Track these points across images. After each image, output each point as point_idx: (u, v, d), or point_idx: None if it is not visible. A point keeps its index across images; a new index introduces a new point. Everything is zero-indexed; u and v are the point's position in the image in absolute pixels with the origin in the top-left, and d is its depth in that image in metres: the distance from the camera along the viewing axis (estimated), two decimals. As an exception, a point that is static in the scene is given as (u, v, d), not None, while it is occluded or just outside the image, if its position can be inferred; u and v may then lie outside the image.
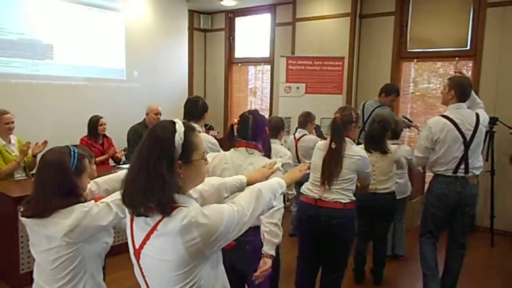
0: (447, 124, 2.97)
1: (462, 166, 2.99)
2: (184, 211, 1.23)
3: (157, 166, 1.23)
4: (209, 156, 2.30)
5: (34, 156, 3.83)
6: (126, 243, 1.38)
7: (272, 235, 2.08)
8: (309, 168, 1.93)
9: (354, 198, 2.78)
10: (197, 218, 1.22)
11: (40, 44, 5.04)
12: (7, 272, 3.38)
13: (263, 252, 2.07)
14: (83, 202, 1.71)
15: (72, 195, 1.70)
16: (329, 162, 2.70)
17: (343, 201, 2.71)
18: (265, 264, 2.04)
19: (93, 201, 1.72)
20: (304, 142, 4.26)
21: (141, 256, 1.31)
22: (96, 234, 1.71)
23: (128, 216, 1.35)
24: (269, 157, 2.27)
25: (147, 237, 1.26)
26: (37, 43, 5.01)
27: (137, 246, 1.31)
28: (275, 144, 3.15)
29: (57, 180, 1.67)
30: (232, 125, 2.29)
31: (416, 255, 4.21)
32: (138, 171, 1.26)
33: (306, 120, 4.37)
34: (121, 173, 1.95)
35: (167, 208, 1.22)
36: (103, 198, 1.76)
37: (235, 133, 2.26)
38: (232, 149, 2.27)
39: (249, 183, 1.75)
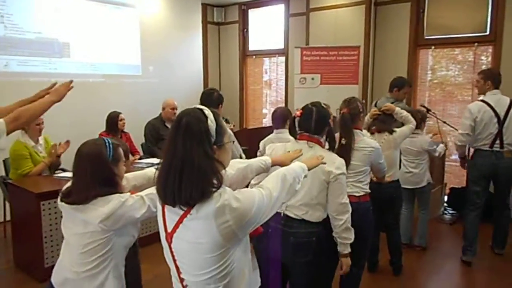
0: (484, 106, 3.64)
1: (498, 142, 3.62)
2: (217, 194, 1.25)
3: (198, 153, 1.25)
4: (269, 148, 2.37)
5: (58, 156, 3.91)
6: (145, 237, 1.40)
7: (342, 239, 2.25)
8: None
9: (368, 191, 2.75)
10: (230, 202, 1.25)
11: (57, 42, 5.11)
12: (32, 266, 3.47)
13: (339, 251, 2.25)
14: (120, 192, 1.79)
15: (111, 183, 1.78)
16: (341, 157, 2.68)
17: (357, 194, 2.69)
18: (344, 264, 2.28)
19: (129, 193, 1.80)
20: None
21: (173, 240, 1.32)
22: (127, 225, 1.79)
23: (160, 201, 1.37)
24: (333, 150, 2.24)
25: (180, 221, 1.28)
26: (54, 41, 5.09)
27: (169, 230, 1.33)
28: (283, 134, 3.22)
29: (96, 170, 1.75)
30: (294, 117, 2.28)
31: (436, 246, 4.19)
32: (175, 161, 1.26)
33: None
34: (149, 170, 2.05)
35: (207, 192, 1.24)
36: (136, 193, 1.83)
37: (297, 126, 2.25)
38: (293, 140, 2.27)
39: (274, 164, 1.85)
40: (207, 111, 1.32)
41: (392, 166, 3.37)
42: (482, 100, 3.69)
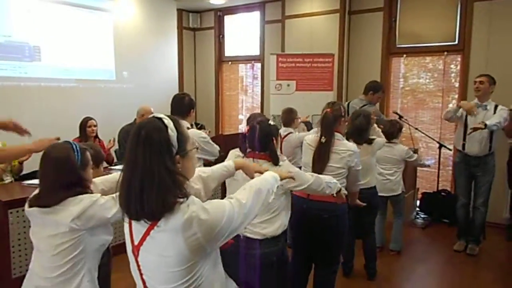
0: None
1: None
2: (184, 206, 1.22)
3: (158, 166, 1.20)
4: (231, 153, 2.40)
5: (20, 163, 3.80)
6: (122, 245, 1.37)
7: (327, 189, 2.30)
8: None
9: (346, 193, 2.78)
10: (198, 213, 1.21)
11: (27, 46, 4.98)
12: (-1, 277, 3.34)
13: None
14: (90, 192, 1.79)
15: (79, 185, 1.77)
16: (319, 156, 2.71)
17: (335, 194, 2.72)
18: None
19: (99, 194, 1.79)
20: (288, 142, 4.09)
21: (140, 253, 1.29)
22: (100, 225, 1.77)
23: None
24: (276, 165, 2.24)
25: (147, 233, 1.24)
26: (24, 45, 4.95)
27: (136, 242, 1.29)
28: None
29: (64, 174, 1.73)
30: (244, 135, 2.29)
31: (409, 250, 4.28)
32: (135, 174, 1.21)
33: (290, 117, 4.21)
34: (117, 174, 1.97)
35: (171, 205, 1.20)
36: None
37: (247, 143, 2.26)
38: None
39: (237, 168, 1.86)
40: (166, 120, 1.27)
41: (368, 172, 3.42)
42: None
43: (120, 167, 4.51)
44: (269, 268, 2.19)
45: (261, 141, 2.21)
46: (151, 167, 1.20)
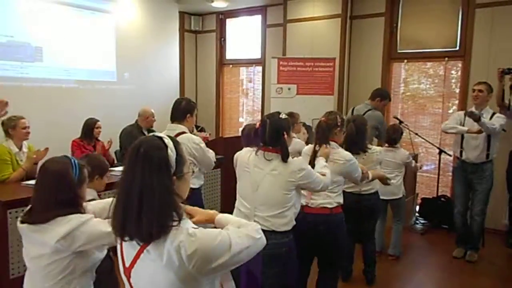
0: None
1: None
2: (174, 231, 1.16)
3: (158, 184, 1.16)
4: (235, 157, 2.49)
5: (35, 163, 3.79)
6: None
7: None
8: None
9: (341, 202, 2.78)
10: (189, 240, 1.15)
11: (29, 46, 4.99)
12: (-3, 277, 3.33)
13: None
14: (82, 213, 1.73)
15: (73, 204, 1.72)
16: (312, 164, 2.71)
17: (329, 205, 2.72)
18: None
19: (92, 215, 1.74)
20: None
21: (131, 275, 1.25)
22: (89, 246, 1.70)
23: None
24: (286, 159, 2.29)
25: (137, 256, 1.21)
26: (26, 45, 4.96)
27: (127, 265, 1.26)
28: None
29: (60, 190, 1.69)
30: (256, 129, 2.35)
31: (408, 255, 4.27)
32: (133, 191, 1.17)
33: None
34: (109, 200, 1.96)
35: (168, 227, 1.15)
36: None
37: (260, 138, 2.32)
38: (253, 154, 2.35)
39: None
40: (166, 139, 1.24)
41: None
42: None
43: (121, 168, 4.51)
44: (277, 259, 2.20)
45: (272, 135, 2.25)
46: (151, 184, 1.16)
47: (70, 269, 1.68)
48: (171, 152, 1.22)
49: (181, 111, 3.18)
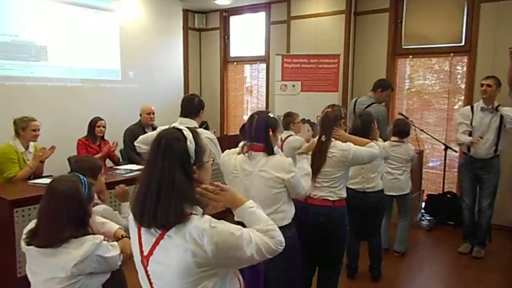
0: None
1: None
2: (195, 219, 1.23)
3: (178, 174, 1.23)
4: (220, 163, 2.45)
5: (42, 161, 3.81)
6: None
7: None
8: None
9: (344, 196, 2.77)
10: (209, 228, 1.21)
11: (34, 45, 5.00)
12: (4, 276, 3.35)
13: None
14: (90, 232, 1.74)
15: (83, 223, 1.72)
16: (317, 155, 2.70)
17: (331, 198, 2.71)
18: None
19: (102, 236, 1.75)
20: (287, 143, 4.05)
21: (149, 263, 1.29)
22: (101, 269, 1.72)
23: (134, 223, 1.33)
24: (271, 154, 2.28)
25: (156, 242, 1.25)
26: (31, 44, 4.98)
27: (145, 253, 1.29)
28: None
29: (72, 209, 1.68)
30: (243, 125, 2.34)
31: (414, 252, 4.25)
32: (153, 181, 1.23)
33: (287, 121, 4.18)
34: (113, 225, 2.00)
35: (186, 215, 1.22)
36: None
37: (246, 133, 2.31)
38: (238, 156, 2.32)
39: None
40: (186, 131, 1.31)
41: (375, 177, 3.41)
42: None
43: (125, 166, 4.52)
44: (280, 253, 2.20)
45: (257, 130, 2.24)
46: (170, 174, 1.22)
47: None
48: (190, 144, 1.28)
49: (196, 106, 3.22)
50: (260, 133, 2.24)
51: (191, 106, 3.21)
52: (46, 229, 1.67)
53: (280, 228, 2.22)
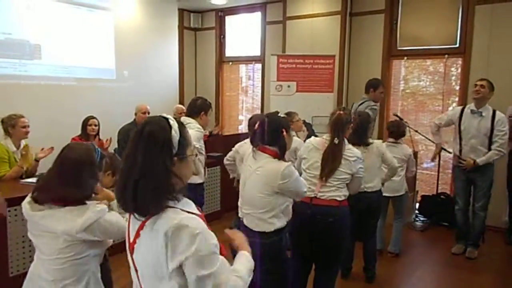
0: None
1: None
2: (172, 213, 1.20)
3: (157, 164, 1.21)
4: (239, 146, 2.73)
5: (37, 160, 3.78)
6: (123, 243, 1.38)
7: None
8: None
9: (347, 195, 2.79)
10: (188, 224, 1.17)
11: (28, 44, 4.97)
12: (-4, 275, 3.33)
13: None
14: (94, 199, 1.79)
15: (92, 190, 1.78)
16: (330, 157, 2.70)
17: (338, 198, 2.72)
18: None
19: (105, 206, 1.79)
20: None
21: (134, 250, 1.30)
22: (105, 237, 1.77)
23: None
24: (282, 158, 2.31)
25: (138, 231, 1.26)
26: (25, 43, 4.94)
27: (131, 240, 1.30)
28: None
29: (84, 174, 1.73)
30: (254, 130, 2.37)
31: (408, 253, 4.27)
32: (133, 169, 1.22)
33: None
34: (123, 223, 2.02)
35: (162, 207, 1.21)
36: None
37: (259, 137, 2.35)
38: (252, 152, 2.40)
39: None
40: (172, 121, 1.28)
41: (374, 176, 3.40)
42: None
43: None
44: (268, 258, 2.20)
45: (270, 134, 2.27)
46: (151, 164, 1.21)
47: (85, 255, 1.74)
48: (175, 134, 1.25)
49: (197, 108, 3.47)
50: (274, 136, 2.28)
51: (192, 107, 3.49)
52: (53, 188, 1.71)
53: (271, 232, 2.27)
